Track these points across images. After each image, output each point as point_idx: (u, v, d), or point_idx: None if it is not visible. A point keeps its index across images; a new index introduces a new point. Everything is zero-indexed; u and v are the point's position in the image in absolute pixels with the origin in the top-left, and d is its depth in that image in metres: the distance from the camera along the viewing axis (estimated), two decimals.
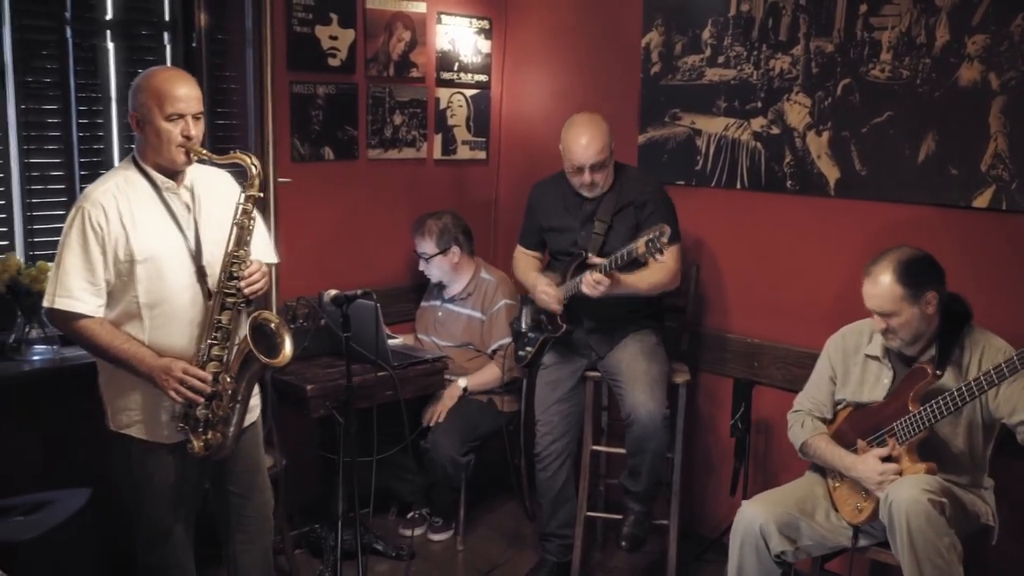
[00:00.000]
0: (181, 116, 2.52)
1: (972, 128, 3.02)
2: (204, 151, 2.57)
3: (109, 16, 3.50)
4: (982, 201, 3.02)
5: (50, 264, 3.21)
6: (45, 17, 3.33)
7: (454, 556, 3.86)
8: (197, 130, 2.55)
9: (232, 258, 2.55)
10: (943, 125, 3.09)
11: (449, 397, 3.84)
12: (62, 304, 2.49)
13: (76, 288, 2.49)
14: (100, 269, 2.50)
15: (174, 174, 2.61)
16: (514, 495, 4.14)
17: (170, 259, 2.56)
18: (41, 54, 3.34)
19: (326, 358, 3.65)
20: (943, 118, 3.08)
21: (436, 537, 3.97)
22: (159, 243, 2.55)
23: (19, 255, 3.33)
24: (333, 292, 2.70)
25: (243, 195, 2.58)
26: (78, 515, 2.76)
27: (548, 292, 3.36)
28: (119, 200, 2.53)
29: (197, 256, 2.59)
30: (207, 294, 2.59)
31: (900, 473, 2.67)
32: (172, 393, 2.48)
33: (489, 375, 3.90)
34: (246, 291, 2.56)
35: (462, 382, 3.88)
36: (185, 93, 2.53)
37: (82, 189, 3.45)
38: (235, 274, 2.55)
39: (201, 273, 2.59)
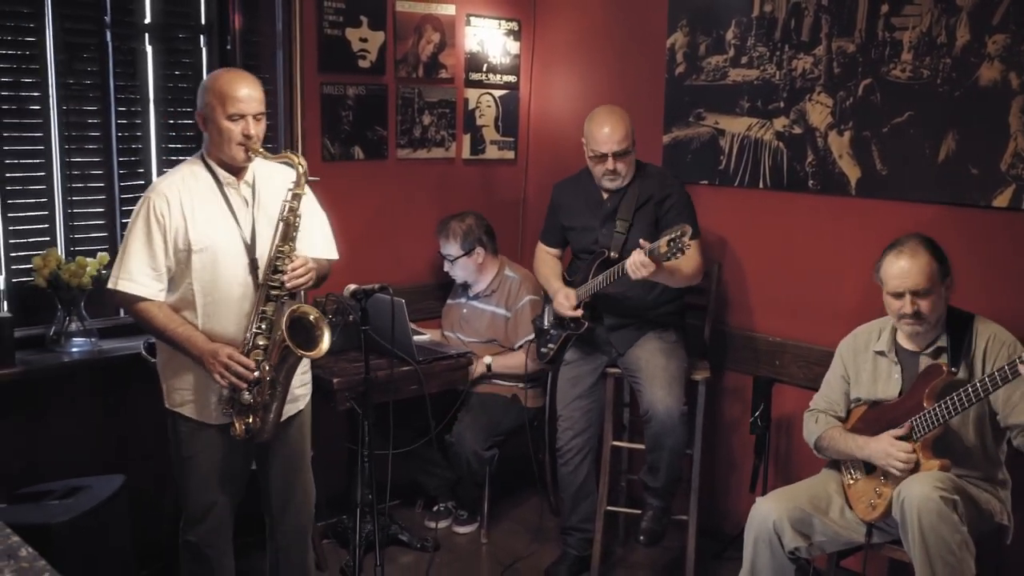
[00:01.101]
0: (242, 116, 2.65)
1: (992, 128, 3.02)
2: (261, 150, 2.70)
3: (147, 20, 3.62)
4: (1002, 200, 3.02)
5: (89, 259, 3.38)
6: (86, 21, 3.46)
7: (478, 548, 3.93)
8: (257, 129, 2.69)
9: (277, 252, 2.67)
10: (963, 125, 3.09)
11: (472, 372, 3.94)
12: (124, 287, 2.66)
13: (137, 272, 2.65)
14: (161, 256, 2.66)
15: (236, 170, 2.76)
16: (538, 490, 4.19)
17: (224, 250, 2.69)
18: (82, 57, 3.46)
19: (354, 352, 3.71)
20: (963, 118, 3.09)
21: (461, 530, 4.04)
22: (215, 235, 2.69)
23: (60, 250, 3.45)
24: (353, 287, 2.80)
25: (290, 193, 2.70)
26: (111, 500, 2.86)
27: (564, 305, 3.42)
28: (182, 192, 2.68)
29: (251, 249, 2.72)
30: (258, 285, 2.71)
31: (916, 463, 2.68)
32: (217, 377, 2.62)
33: (514, 359, 3.97)
34: (288, 285, 2.67)
35: (487, 359, 3.96)
36: (247, 94, 2.66)
37: (120, 187, 3.60)
38: (279, 268, 2.67)
39: (254, 265, 2.71)
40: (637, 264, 3.08)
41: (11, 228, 3.38)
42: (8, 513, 2.62)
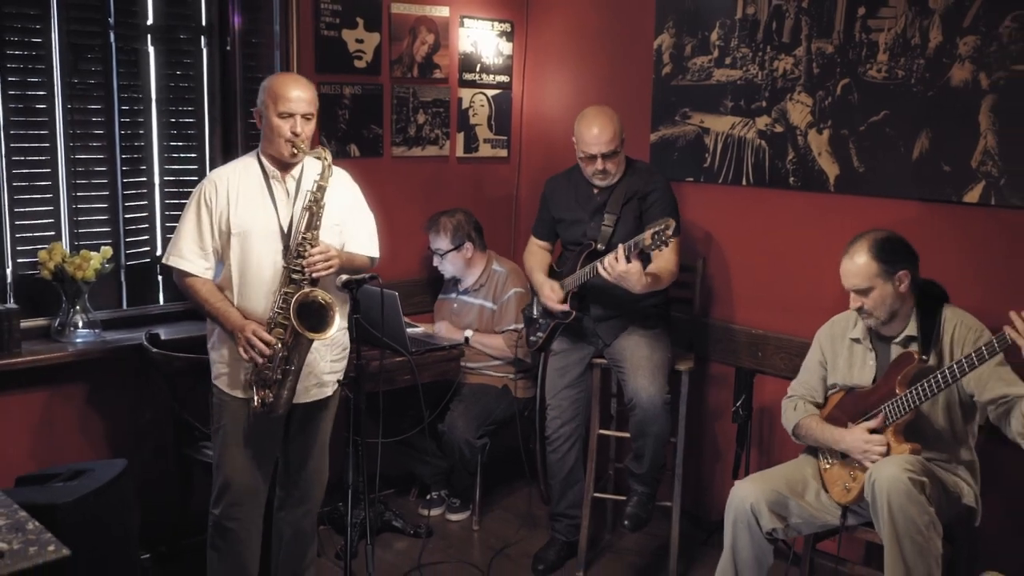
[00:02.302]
0: (291, 115, 2.87)
1: (963, 126, 3.13)
2: (305, 148, 2.89)
3: (150, 21, 3.73)
4: (972, 196, 3.13)
5: (93, 253, 3.49)
6: (90, 23, 3.56)
7: (470, 535, 4.05)
8: (305, 129, 2.90)
9: (301, 239, 2.86)
10: (936, 123, 3.20)
11: (451, 332, 4.13)
12: (174, 262, 2.93)
13: (186, 250, 2.91)
14: (208, 237, 2.91)
15: (284, 165, 2.97)
16: (528, 479, 4.30)
17: (260, 236, 2.90)
18: (86, 57, 3.56)
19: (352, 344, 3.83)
20: (936, 117, 3.20)
21: (453, 517, 4.16)
22: (253, 220, 2.91)
23: (64, 244, 3.55)
24: (344, 277, 2.92)
25: (315, 184, 2.89)
26: (114, 482, 2.96)
27: (551, 298, 3.54)
28: (231, 180, 2.93)
29: (286, 237, 2.91)
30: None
31: (887, 448, 2.79)
32: (241, 350, 2.83)
33: (493, 340, 4.11)
34: (307, 271, 2.85)
35: (468, 332, 4.12)
36: (297, 95, 2.88)
37: (123, 184, 3.72)
38: (301, 254, 2.85)
39: (287, 252, 2.90)
40: (611, 261, 3.20)
41: (17, 223, 3.48)
42: (15, 495, 2.71)
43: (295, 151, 2.89)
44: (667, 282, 3.43)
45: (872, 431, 2.84)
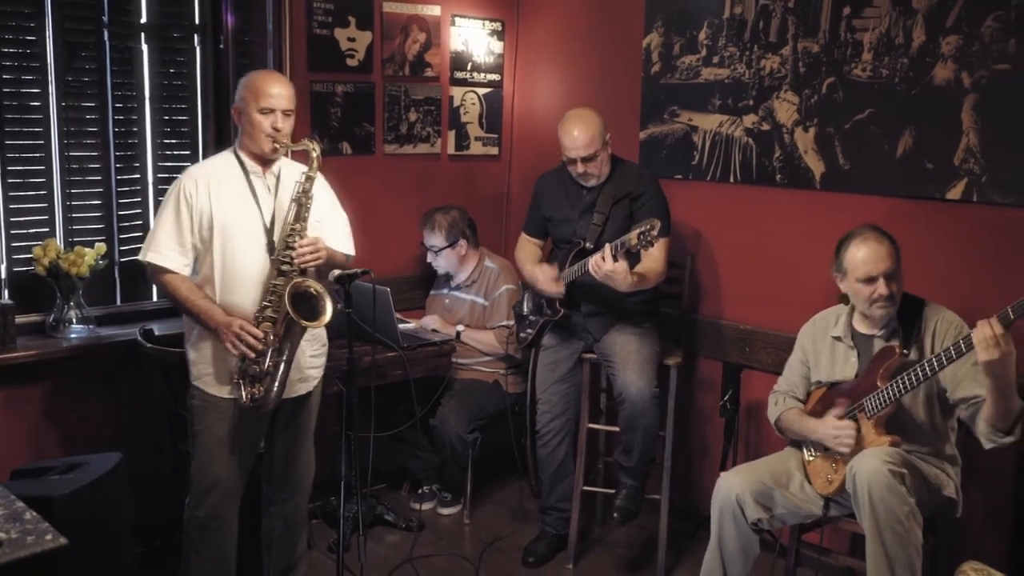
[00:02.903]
0: (272, 111, 2.89)
1: (946, 124, 3.18)
2: (286, 143, 2.92)
3: (143, 20, 3.76)
4: (955, 193, 3.18)
5: (87, 250, 3.52)
6: (84, 21, 3.59)
7: (461, 529, 4.09)
8: (285, 124, 2.92)
9: (290, 230, 2.88)
10: (919, 121, 3.25)
11: (443, 326, 4.17)
12: (152, 258, 2.90)
13: (165, 246, 2.89)
14: (187, 233, 2.89)
15: (264, 162, 2.98)
16: (519, 473, 4.35)
17: (243, 231, 2.91)
18: (81, 55, 3.60)
19: (342, 339, 3.86)
20: (919, 115, 3.25)
21: (445, 511, 4.20)
22: (235, 216, 2.91)
23: (59, 241, 3.59)
24: (337, 272, 2.96)
25: (303, 175, 2.92)
26: (110, 475, 2.99)
27: (548, 286, 3.58)
28: (211, 176, 2.93)
29: (269, 231, 2.93)
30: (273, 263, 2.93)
31: (859, 435, 2.84)
32: (229, 345, 2.82)
33: (484, 336, 4.16)
34: (296, 261, 2.87)
35: (460, 327, 4.17)
36: (277, 91, 2.91)
37: (117, 180, 3.75)
38: (290, 244, 2.87)
39: (271, 246, 2.92)
40: (597, 260, 3.24)
41: (12, 219, 3.52)
42: (11, 488, 2.74)
43: (276, 146, 2.91)
44: (654, 282, 3.48)
45: (842, 418, 2.89)
